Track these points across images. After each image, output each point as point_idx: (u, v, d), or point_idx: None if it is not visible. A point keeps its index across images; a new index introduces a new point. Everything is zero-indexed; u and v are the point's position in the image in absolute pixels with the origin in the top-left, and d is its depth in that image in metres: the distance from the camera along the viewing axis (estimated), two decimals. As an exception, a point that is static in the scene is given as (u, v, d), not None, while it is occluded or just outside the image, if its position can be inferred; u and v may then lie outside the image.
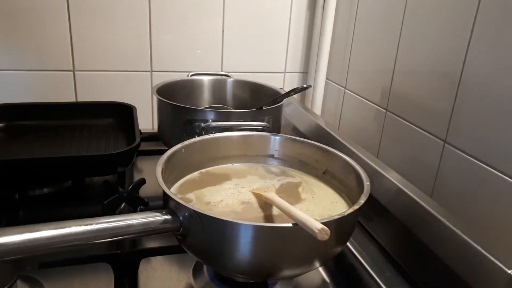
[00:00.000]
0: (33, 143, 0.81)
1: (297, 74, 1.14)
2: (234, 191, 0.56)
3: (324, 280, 0.57)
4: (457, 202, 0.63)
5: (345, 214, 0.44)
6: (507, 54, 0.55)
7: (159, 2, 0.98)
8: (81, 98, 1.00)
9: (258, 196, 0.54)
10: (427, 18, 0.70)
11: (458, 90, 0.63)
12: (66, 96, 0.99)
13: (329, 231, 0.37)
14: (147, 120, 1.05)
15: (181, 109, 0.74)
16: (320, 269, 0.59)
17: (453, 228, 0.48)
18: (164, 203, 0.47)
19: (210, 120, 0.71)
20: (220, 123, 0.71)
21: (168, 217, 0.44)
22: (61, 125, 0.87)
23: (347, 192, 0.57)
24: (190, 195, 0.54)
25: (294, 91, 0.74)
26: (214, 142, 0.62)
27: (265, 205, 0.52)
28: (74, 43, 0.96)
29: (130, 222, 0.43)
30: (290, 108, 1.01)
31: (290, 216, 0.44)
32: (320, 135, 0.84)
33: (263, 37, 1.08)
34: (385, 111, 0.83)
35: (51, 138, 0.83)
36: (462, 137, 0.63)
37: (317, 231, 0.37)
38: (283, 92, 0.80)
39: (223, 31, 1.04)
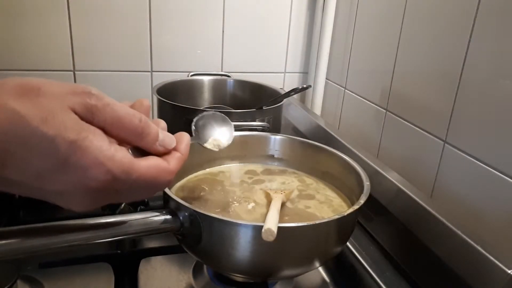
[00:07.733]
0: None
1: (297, 74, 1.14)
2: (234, 191, 0.56)
3: (324, 280, 0.57)
4: (457, 202, 0.63)
5: (345, 214, 0.44)
6: (507, 54, 0.55)
7: (159, 2, 0.98)
8: (81, 98, 1.00)
9: (267, 196, 0.54)
10: (427, 18, 0.70)
11: (458, 90, 0.63)
12: (66, 96, 0.98)
13: (275, 233, 0.38)
14: (147, 120, 1.05)
15: (181, 109, 0.74)
16: (320, 269, 0.59)
17: (453, 228, 0.48)
18: (164, 203, 0.47)
19: (210, 120, 0.71)
20: (220, 123, 0.71)
21: (168, 217, 0.44)
22: (61, 125, 0.87)
23: (347, 192, 0.57)
24: (190, 195, 0.54)
25: (294, 91, 0.75)
26: (214, 142, 0.62)
27: (266, 205, 0.52)
28: (74, 43, 0.96)
29: (130, 222, 0.42)
30: (290, 108, 1.01)
31: None
32: (320, 135, 0.84)
33: (263, 37, 1.08)
34: (385, 111, 0.83)
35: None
36: (462, 137, 0.63)
37: (263, 230, 0.38)
38: (283, 92, 0.81)
39: (223, 31, 1.04)
